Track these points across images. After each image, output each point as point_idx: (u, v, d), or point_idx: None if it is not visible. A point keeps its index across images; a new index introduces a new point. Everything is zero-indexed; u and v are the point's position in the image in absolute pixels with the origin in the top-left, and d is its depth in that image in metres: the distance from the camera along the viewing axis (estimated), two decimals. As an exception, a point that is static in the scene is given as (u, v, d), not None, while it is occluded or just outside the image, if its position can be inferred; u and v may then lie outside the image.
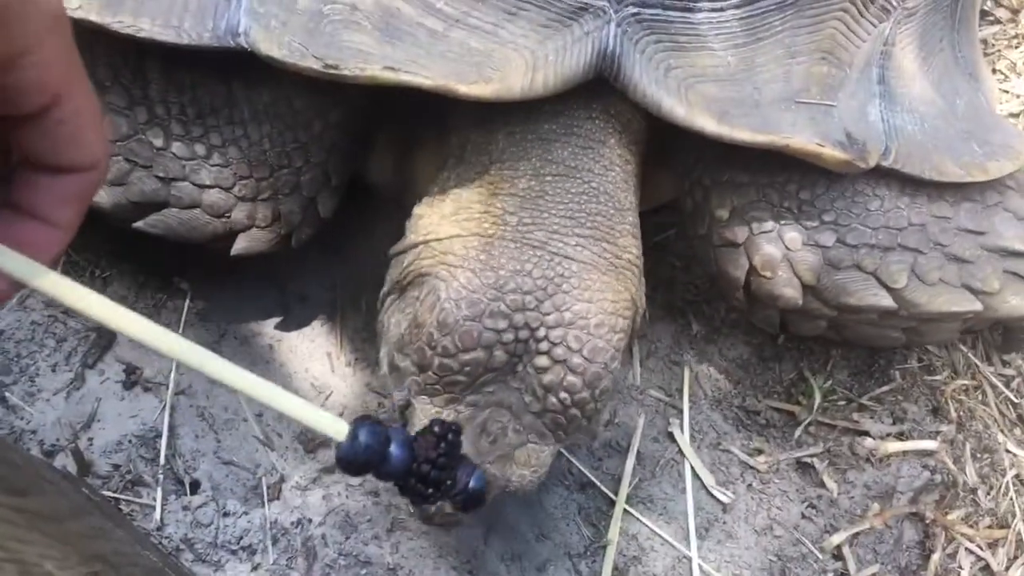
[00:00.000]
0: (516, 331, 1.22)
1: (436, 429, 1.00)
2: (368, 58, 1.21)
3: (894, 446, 1.65)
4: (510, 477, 1.25)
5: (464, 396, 1.23)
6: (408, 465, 0.96)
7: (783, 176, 1.44)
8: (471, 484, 1.01)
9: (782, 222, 1.44)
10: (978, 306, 1.44)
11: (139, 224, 1.36)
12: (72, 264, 1.57)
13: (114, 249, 1.61)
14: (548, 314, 1.23)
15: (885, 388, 1.74)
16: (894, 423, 1.71)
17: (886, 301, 1.44)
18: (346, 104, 1.44)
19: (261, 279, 1.64)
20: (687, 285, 1.84)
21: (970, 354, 1.82)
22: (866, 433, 1.68)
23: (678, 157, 1.54)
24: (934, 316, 1.46)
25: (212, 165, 1.36)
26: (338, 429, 0.92)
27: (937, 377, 1.78)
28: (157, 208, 1.36)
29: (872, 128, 1.38)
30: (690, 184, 1.53)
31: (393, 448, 0.95)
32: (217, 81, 1.38)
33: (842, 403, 1.73)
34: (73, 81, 0.66)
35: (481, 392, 1.23)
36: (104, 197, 1.33)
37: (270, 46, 1.21)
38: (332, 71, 1.21)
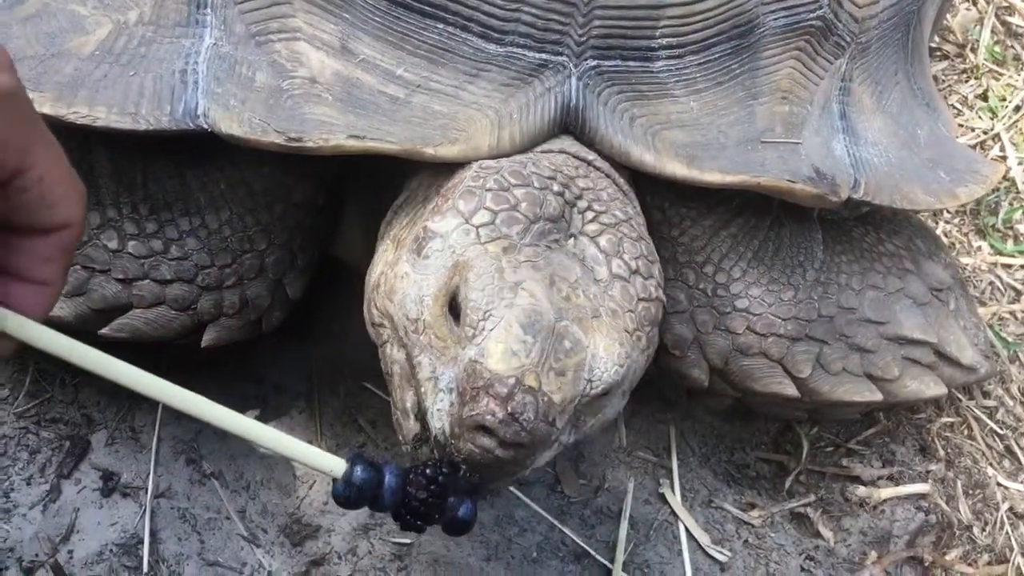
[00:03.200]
0: (562, 186, 1.18)
1: (428, 471, 1.00)
2: (332, 128, 1.22)
3: (886, 492, 1.65)
4: (595, 349, 1.08)
5: (521, 245, 1.11)
6: (400, 500, 0.99)
7: (701, 257, 1.48)
8: (460, 514, 1.01)
9: (695, 303, 1.47)
10: (878, 396, 1.49)
11: (105, 331, 1.34)
12: (39, 371, 1.54)
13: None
14: (586, 190, 1.21)
15: (871, 431, 1.73)
16: (883, 465, 1.71)
17: (790, 390, 1.48)
18: (308, 182, 1.44)
19: (236, 371, 1.62)
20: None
21: (952, 391, 1.83)
22: (857, 478, 1.67)
23: None
24: (836, 403, 1.51)
25: (171, 259, 1.35)
26: (335, 467, 0.98)
27: (921, 415, 1.78)
28: (121, 311, 1.34)
29: (839, 162, 1.41)
30: None
31: (387, 484, 0.99)
32: (169, 174, 1.38)
33: (830, 449, 1.72)
34: (32, 150, 0.68)
35: (538, 247, 1.12)
36: (65, 309, 1.31)
37: (230, 124, 1.21)
38: (295, 143, 1.21)
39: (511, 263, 1.09)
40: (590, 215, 1.20)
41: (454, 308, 1.09)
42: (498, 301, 1.05)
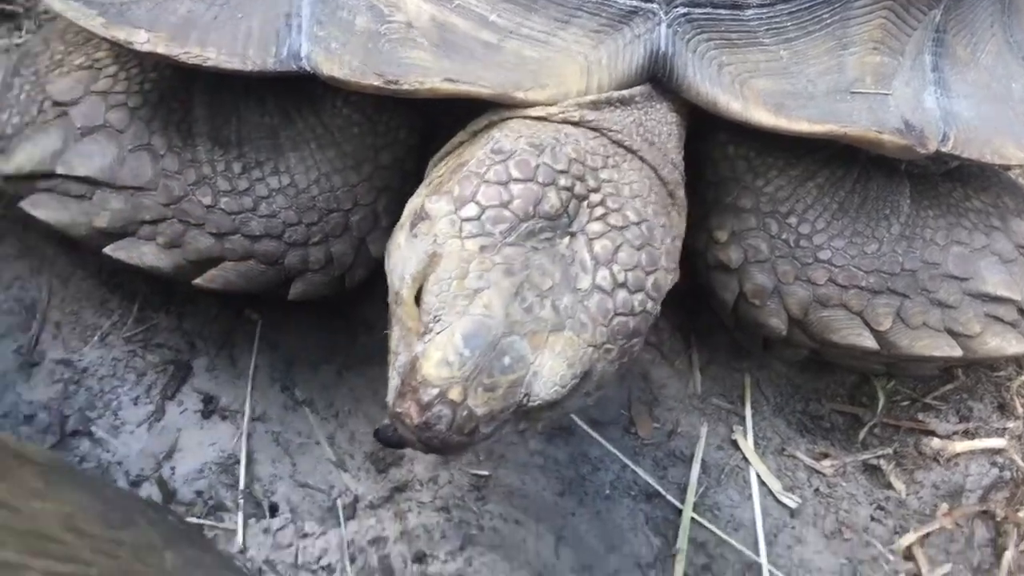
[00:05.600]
0: (575, 180, 1.15)
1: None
2: (427, 72, 1.26)
3: (961, 445, 1.65)
4: (538, 368, 1.07)
5: (502, 244, 1.09)
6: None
7: (785, 207, 1.48)
8: None
9: (777, 253, 1.48)
10: (957, 352, 1.49)
11: (199, 281, 1.41)
12: (146, 300, 1.64)
13: (186, 286, 1.67)
14: (608, 181, 1.18)
15: (949, 387, 1.73)
16: (960, 421, 1.70)
17: (869, 342, 1.48)
18: (396, 145, 1.48)
19: (328, 308, 1.69)
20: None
21: (1034, 349, 1.81)
22: (932, 432, 1.68)
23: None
24: (915, 357, 1.51)
25: (261, 216, 1.40)
26: None
27: (1001, 373, 1.77)
28: (214, 263, 1.41)
29: (929, 114, 1.40)
30: (694, 200, 1.56)
31: None
32: (262, 135, 1.43)
33: (906, 403, 1.72)
34: None
35: (523, 247, 1.11)
36: (163, 260, 1.39)
37: (331, 67, 1.26)
38: (392, 86, 1.25)
39: (481, 266, 1.08)
40: (599, 211, 1.16)
41: (419, 299, 1.11)
42: (450, 308, 1.06)
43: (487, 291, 1.06)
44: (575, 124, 1.26)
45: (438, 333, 1.05)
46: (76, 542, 0.74)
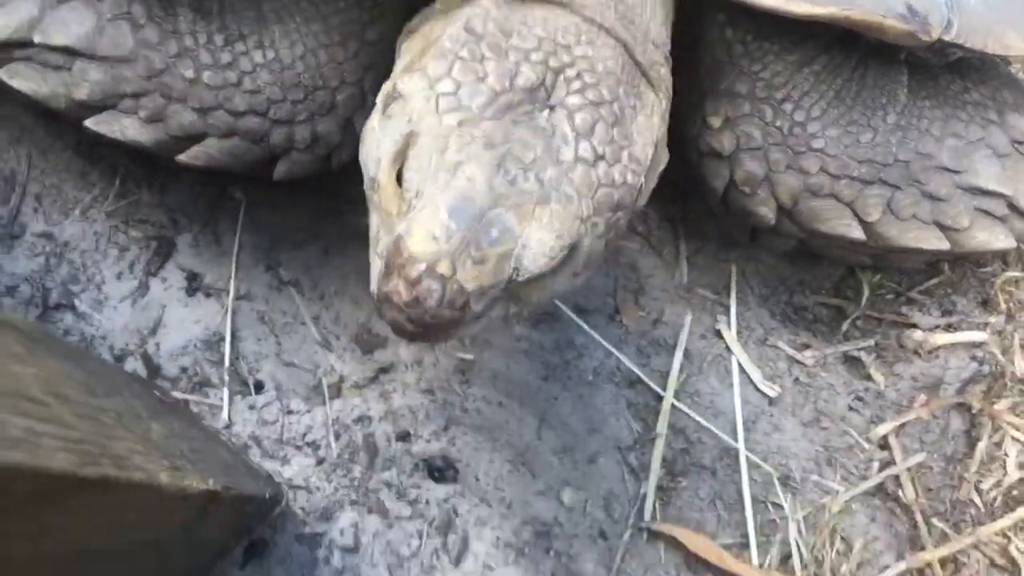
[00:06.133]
0: (547, 55, 1.12)
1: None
2: None
3: (943, 338, 1.67)
4: (526, 241, 1.04)
5: (481, 118, 1.07)
6: None
7: (781, 94, 1.46)
8: None
9: (770, 141, 1.46)
10: (945, 245, 1.49)
11: (182, 157, 1.39)
12: (128, 174, 1.60)
13: (168, 162, 1.64)
14: (581, 58, 1.15)
15: (934, 281, 1.74)
16: (943, 315, 1.72)
17: (857, 233, 1.48)
18: (383, 21, 1.44)
19: (313, 187, 1.66)
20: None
21: (1021, 245, 1.81)
22: (914, 326, 1.69)
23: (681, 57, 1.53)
24: (902, 249, 1.51)
25: (245, 91, 1.37)
26: None
27: (987, 269, 1.78)
28: (197, 140, 1.38)
29: (933, 2, 1.37)
30: (688, 85, 1.53)
31: None
32: (246, 5, 1.38)
33: (890, 297, 1.73)
34: None
35: (501, 120, 1.07)
36: (145, 134, 1.36)
37: None
38: None
39: (461, 139, 1.04)
40: (576, 85, 1.12)
41: (400, 178, 1.08)
42: (432, 182, 1.03)
43: (469, 164, 1.03)
44: (546, 1, 1.21)
45: (421, 209, 1.02)
46: (58, 406, 0.74)
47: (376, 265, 1.09)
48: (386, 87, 1.19)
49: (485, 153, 1.04)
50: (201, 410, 1.51)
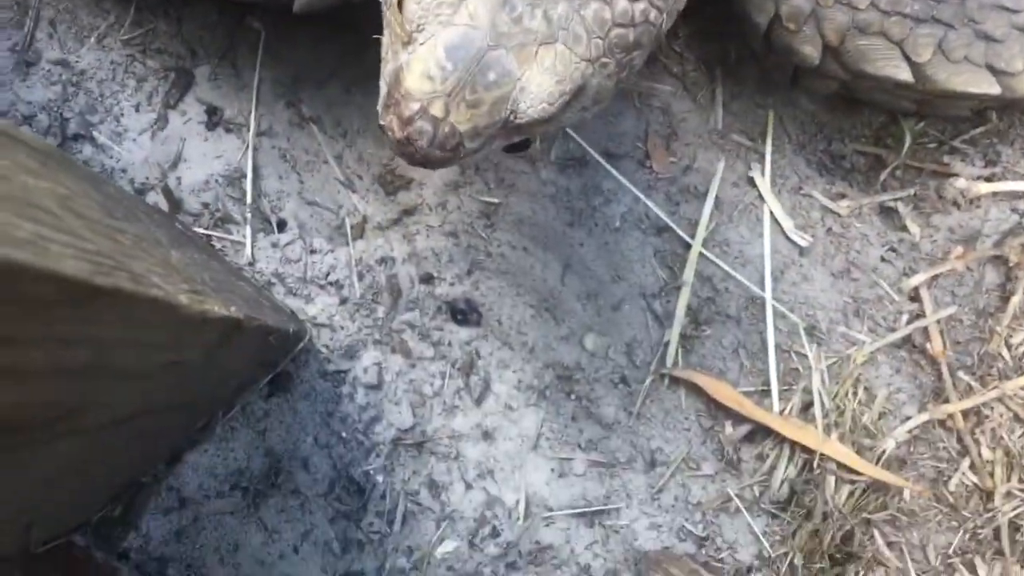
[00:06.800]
0: None
1: None
2: None
3: (984, 187, 1.61)
4: (525, 84, 1.01)
5: None
6: None
7: None
8: None
9: None
10: (996, 89, 1.41)
11: None
12: (143, 1, 1.54)
13: (184, -12, 1.58)
14: None
15: (979, 130, 1.66)
16: (986, 165, 1.65)
17: (904, 75, 1.41)
18: None
19: (334, 20, 1.60)
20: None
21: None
22: (956, 175, 1.63)
23: None
24: (950, 94, 1.44)
25: None
26: None
27: (1037, 118, 1.70)
28: None
29: None
30: None
31: None
32: None
33: (932, 146, 1.67)
34: None
35: None
36: None
37: None
38: None
39: None
40: None
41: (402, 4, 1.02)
42: (433, 17, 0.99)
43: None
44: None
45: (421, 44, 0.99)
46: (73, 220, 0.72)
47: (382, 89, 1.06)
48: None
49: None
50: (224, 246, 1.50)
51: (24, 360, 0.61)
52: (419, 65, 0.98)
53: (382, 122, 1.02)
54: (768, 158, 1.66)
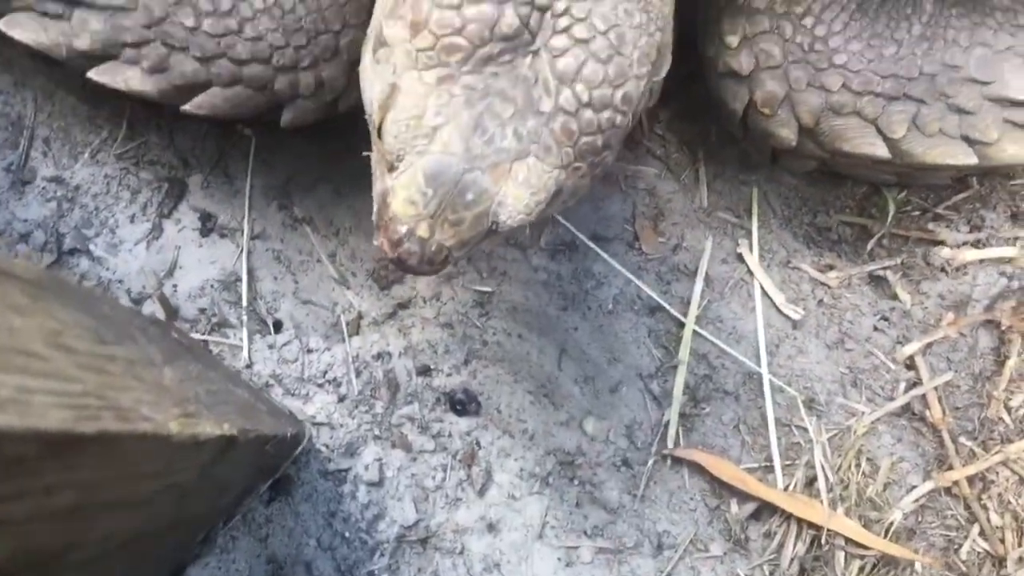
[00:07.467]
0: None
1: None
2: None
3: (971, 254, 1.62)
4: (502, 198, 1.05)
5: (460, 73, 1.05)
6: None
7: (801, 7, 1.40)
8: None
9: (790, 59, 1.42)
10: (973, 160, 1.43)
11: (187, 107, 1.36)
12: (135, 116, 1.58)
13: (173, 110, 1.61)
14: None
15: (961, 196, 1.68)
16: (971, 231, 1.67)
17: (881, 151, 1.43)
18: None
19: (322, 124, 1.64)
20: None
21: (1054, 157, 1.75)
22: (941, 242, 1.65)
23: None
24: (928, 166, 1.46)
25: (247, 39, 1.34)
26: None
27: (1017, 182, 1.72)
28: (201, 88, 1.36)
29: None
30: (704, 2, 1.48)
31: None
32: None
33: (916, 214, 1.69)
34: None
35: (482, 73, 1.05)
36: (148, 84, 1.33)
37: None
38: None
39: (439, 100, 1.04)
40: (564, 22, 1.06)
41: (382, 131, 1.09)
42: (411, 148, 1.05)
43: (446, 127, 1.04)
44: None
45: (402, 172, 1.05)
46: (60, 359, 0.73)
47: (374, 205, 1.12)
48: (374, 25, 1.15)
49: (463, 113, 1.04)
50: (221, 351, 1.51)
51: (4, 513, 0.62)
52: (403, 192, 1.04)
53: (375, 242, 1.08)
54: (755, 234, 1.68)
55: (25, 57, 1.53)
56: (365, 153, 1.18)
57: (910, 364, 1.61)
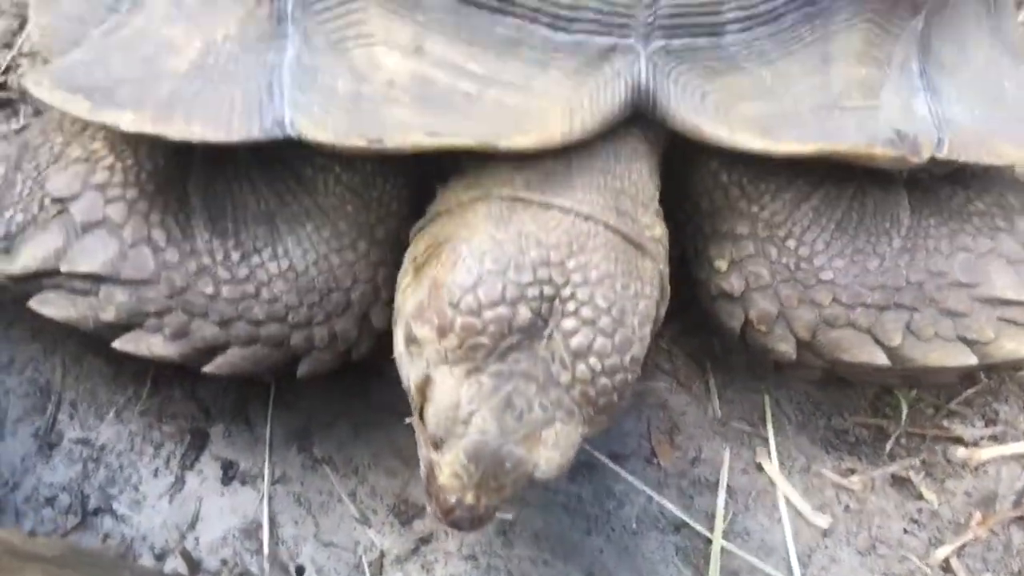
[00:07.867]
0: (542, 286, 1.18)
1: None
2: (408, 128, 1.26)
3: (988, 452, 1.62)
4: (537, 461, 1.17)
5: (487, 364, 1.16)
6: None
7: (782, 231, 1.47)
8: None
9: (779, 278, 1.46)
10: (972, 360, 1.46)
11: (208, 368, 1.43)
12: (158, 373, 1.64)
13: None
14: (574, 271, 1.21)
15: (972, 391, 1.70)
16: (986, 425, 1.67)
17: (881, 359, 1.46)
18: (390, 219, 1.49)
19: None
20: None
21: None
22: (959, 439, 1.64)
23: (681, 204, 1.56)
24: (930, 369, 1.48)
25: (263, 301, 1.41)
26: None
27: (1025, 372, 1.74)
28: (221, 349, 1.42)
29: (921, 121, 1.38)
30: (691, 230, 1.56)
31: None
32: (259, 220, 1.44)
33: (930, 411, 1.69)
34: None
35: (506, 360, 1.16)
36: (171, 349, 1.40)
37: (315, 131, 1.27)
38: (376, 145, 1.26)
39: (470, 391, 1.16)
40: (571, 306, 1.19)
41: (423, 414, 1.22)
42: (450, 434, 1.17)
43: (479, 412, 1.16)
44: (544, 207, 1.27)
45: (446, 453, 1.18)
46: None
47: (421, 466, 1.26)
48: (402, 318, 1.27)
49: (493, 398, 1.16)
50: (244, 602, 1.49)
51: None
52: (448, 468, 1.17)
53: (428, 507, 1.22)
54: (772, 442, 1.68)
55: (53, 324, 1.61)
56: (407, 420, 1.30)
57: (946, 567, 1.57)
